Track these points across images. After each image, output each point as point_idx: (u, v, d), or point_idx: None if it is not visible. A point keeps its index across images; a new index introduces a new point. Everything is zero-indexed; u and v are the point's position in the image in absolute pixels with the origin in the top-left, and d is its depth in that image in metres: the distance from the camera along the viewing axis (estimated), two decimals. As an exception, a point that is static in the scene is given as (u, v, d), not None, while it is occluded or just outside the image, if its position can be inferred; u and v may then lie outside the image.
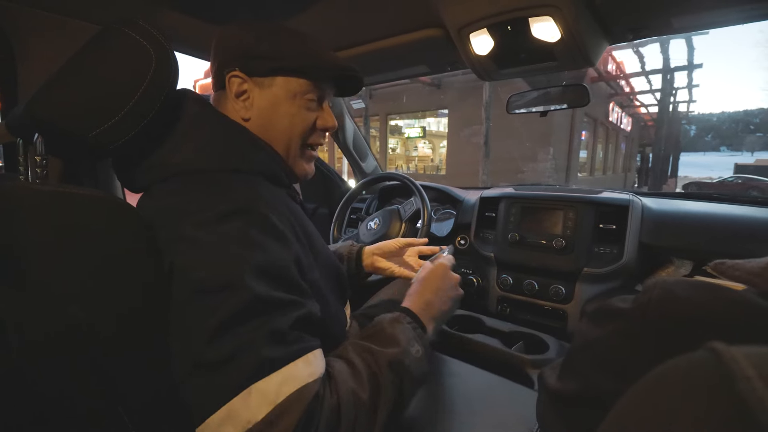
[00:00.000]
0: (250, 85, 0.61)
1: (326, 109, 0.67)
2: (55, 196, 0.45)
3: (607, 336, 0.35)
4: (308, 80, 0.62)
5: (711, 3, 0.75)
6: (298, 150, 0.65)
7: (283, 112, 0.62)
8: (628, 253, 1.05)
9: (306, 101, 0.63)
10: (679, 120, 15.76)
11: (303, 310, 0.50)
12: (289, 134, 0.63)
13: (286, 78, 0.61)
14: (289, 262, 0.52)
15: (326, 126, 0.66)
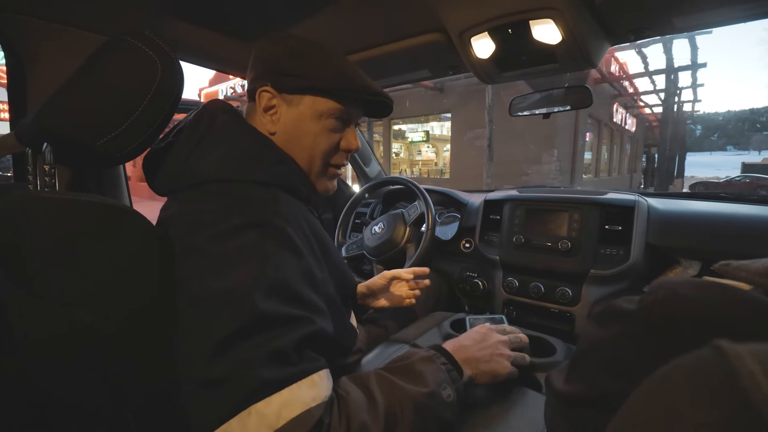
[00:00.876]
0: (278, 101, 0.62)
1: (351, 131, 0.67)
2: (63, 204, 0.46)
3: (613, 337, 0.35)
4: (336, 102, 0.62)
5: (712, 2, 0.75)
6: (320, 168, 0.66)
7: (308, 131, 0.63)
8: (635, 255, 1.04)
9: (331, 122, 0.63)
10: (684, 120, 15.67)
11: (312, 328, 0.48)
12: (311, 152, 0.64)
13: (314, 98, 0.62)
14: (301, 277, 0.51)
15: (349, 148, 0.66)
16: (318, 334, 0.49)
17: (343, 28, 0.96)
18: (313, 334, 0.48)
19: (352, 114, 0.66)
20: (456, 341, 0.66)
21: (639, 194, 1.18)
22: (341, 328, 0.63)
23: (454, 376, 0.58)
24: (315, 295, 0.53)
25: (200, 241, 0.49)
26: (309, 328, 0.48)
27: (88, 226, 0.47)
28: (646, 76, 12.95)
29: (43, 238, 0.45)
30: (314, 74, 0.61)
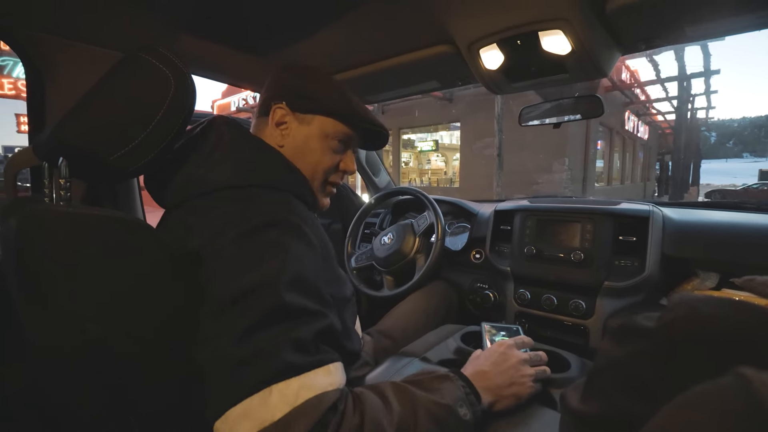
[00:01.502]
0: (290, 118, 0.69)
1: (350, 155, 0.75)
2: (77, 218, 0.46)
3: (631, 356, 0.34)
4: (342, 125, 0.70)
5: (725, 11, 0.74)
6: (320, 184, 0.72)
7: (313, 148, 0.69)
8: (651, 266, 1.02)
9: (335, 144, 0.70)
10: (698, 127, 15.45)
11: (326, 322, 0.51)
12: (314, 168, 0.70)
13: (324, 119, 0.69)
14: (316, 273, 0.54)
15: (347, 169, 0.75)
16: (330, 329, 0.52)
17: (354, 41, 0.97)
18: (326, 329, 0.51)
19: (352, 139, 0.73)
20: (475, 366, 0.66)
21: (653, 204, 1.16)
22: (346, 332, 0.66)
23: (472, 400, 0.57)
24: (326, 293, 0.55)
25: (224, 243, 0.51)
26: (323, 322, 0.51)
27: (101, 239, 0.47)
28: (658, 83, 12.83)
29: (56, 250, 0.46)
30: (326, 99, 0.68)
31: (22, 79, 10.09)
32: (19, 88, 10.04)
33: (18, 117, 10.84)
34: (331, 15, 0.86)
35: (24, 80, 6.87)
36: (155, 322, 0.49)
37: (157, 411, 0.51)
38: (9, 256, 0.53)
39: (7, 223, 0.55)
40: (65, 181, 0.56)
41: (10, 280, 0.54)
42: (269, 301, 0.47)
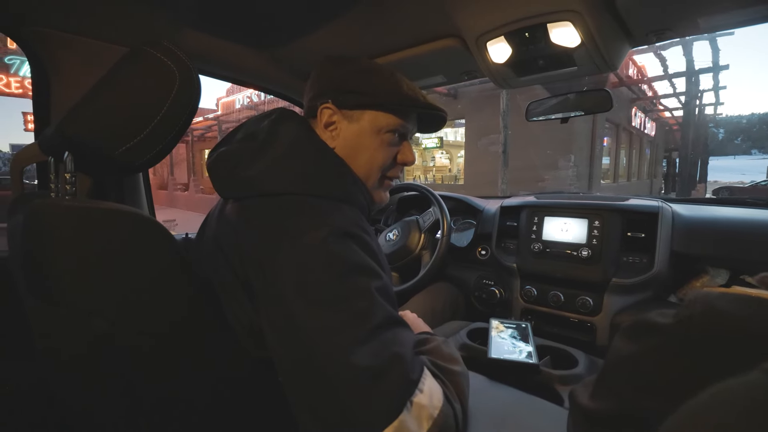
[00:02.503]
0: (338, 117, 0.64)
1: (407, 145, 0.69)
2: (84, 212, 0.46)
3: (646, 352, 0.33)
4: (394, 116, 0.64)
5: (738, 1, 0.72)
6: (376, 181, 0.67)
7: (367, 145, 0.64)
8: (659, 263, 1.01)
9: (389, 137, 0.65)
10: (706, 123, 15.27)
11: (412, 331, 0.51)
12: (369, 166, 0.65)
13: (374, 113, 0.64)
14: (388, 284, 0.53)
15: (406, 161, 0.69)
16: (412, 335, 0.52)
17: (359, 35, 0.96)
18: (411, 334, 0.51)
19: (408, 128, 0.67)
20: None
21: (662, 200, 1.14)
22: None
23: None
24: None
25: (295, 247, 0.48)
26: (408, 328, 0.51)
27: (106, 233, 0.47)
28: (666, 79, 12.68)
29: (63, 245, 0.45)
30: (375, 90, 0.63)
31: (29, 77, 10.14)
32: (26, 86, 10.11)
33: (25, 115, 10.94)
34: (337, 9, 0.85)
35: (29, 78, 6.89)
36: (166, 317, 0.49)
37: (167, 414, 0.50)
38: (16, 251, 0.53)
39: (13, 219, 0.55)
40: (71, 175, 0.56)
41: (17, 275, 0.54)
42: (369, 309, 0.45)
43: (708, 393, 0.20)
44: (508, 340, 0.87)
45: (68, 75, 0.83)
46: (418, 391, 0.44)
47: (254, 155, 0.57)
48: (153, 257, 0.49)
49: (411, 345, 0.48)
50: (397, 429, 0.40)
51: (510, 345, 0.85)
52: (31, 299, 0.50)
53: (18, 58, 9.97)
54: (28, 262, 0.47)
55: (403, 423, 0.40)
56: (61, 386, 0.51)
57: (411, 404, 0.42)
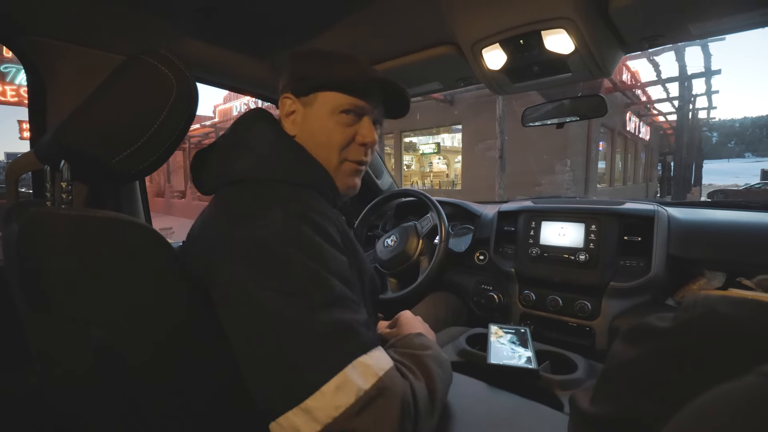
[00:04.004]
0: (297, 106, 0.66)
1: (364, 124, 0.67)
2: (80, 220, 0.46)
3: (646, 356, 0.33)
4: (346, 95, 0.64)
5: (729, 8, 0.73)
6: (336, 163, 0.66)
7: (322, 127, 0.65)
8: (656, 266, 1.01)
9: (344, 117, 0.64)
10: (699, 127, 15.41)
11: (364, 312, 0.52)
12: (327, 148, 0.65)
13: (325, 94, 0.64)
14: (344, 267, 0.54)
15: (364, 141, 0.66)
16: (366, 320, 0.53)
17: (355, 42, 0.97)
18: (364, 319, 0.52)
19: (365, 107, 0.66)
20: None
21: (658, 204, 1.15)
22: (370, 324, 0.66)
23: None
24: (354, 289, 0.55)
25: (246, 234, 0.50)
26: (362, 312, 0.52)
27: (103, 241, 0.47)
28: (659, 84, 12.81)
29: (59, 254, 0.45)
30: (323, 72, 0.64)
31: (25, 86, 10.14)
32: (21, 95, 10.09)
33: (20, 123, 10.89)
34: (334, 17, 0.85)
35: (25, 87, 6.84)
36: (164, 325, 0.48)
37: (166, 419, 0.50)
38: (11, 260, 0.52)
39: (9, 228, 0.55)
40: (67, 184, 0.56)
41: (13, 285, 0.54)
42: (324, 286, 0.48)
43: (706, 397, 0.20)
44: (507, 345, 0.87)
45: (64, 84, 0.83)
46: (367, 356, 0.46)
47: (224, 150, 0.62)
48: (150, 266, 0.49)
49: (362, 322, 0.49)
50: (341, 382, 0.42)
51: (509, 350, 0.85)
52: (27, 309, 0.50)
53: (14, 66, 9.96)
54: (24, 272, 0.47)
55: (347, 376, 0.43)
56: (58, 395, 0.50)
57: (356, 363, 0.44)
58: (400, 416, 0.44)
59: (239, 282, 0.48)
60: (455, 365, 0.87)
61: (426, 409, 0.50)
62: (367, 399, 0.43)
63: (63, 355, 0.47)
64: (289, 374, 0.43)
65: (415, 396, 0.49)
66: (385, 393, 0.44)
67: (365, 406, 0.42)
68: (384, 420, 0.43)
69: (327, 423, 0.41)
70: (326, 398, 0.42)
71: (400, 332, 0.71)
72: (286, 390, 0.43)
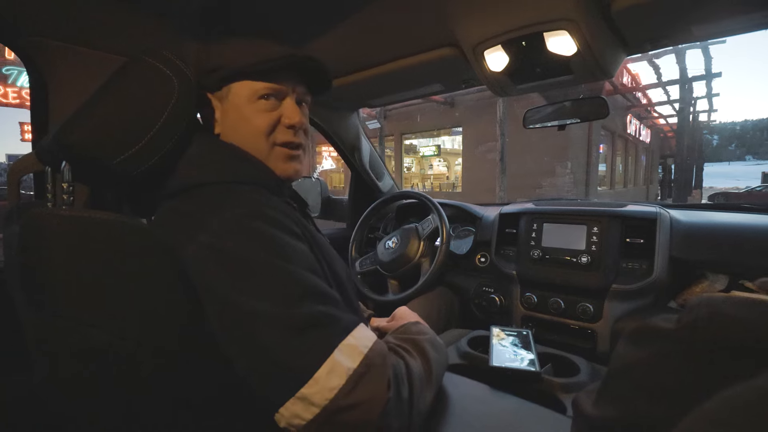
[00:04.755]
0: (214, 102, 0.64)
1: (287, 105, 0.64)
2: (81, 221, 0.46)
3: (650, 358, 0.32)
4: (256, 81, 0.61)
5: (731, 10, 0.73)
6: (267, 151, 0.64)
7: (243, 118, 0.62)
8: (659, 268, 1.01)
9: (262, 103, 0.62)
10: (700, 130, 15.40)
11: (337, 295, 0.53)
12: (254, 138, 0.63)
13: (237, 84, 0.62)
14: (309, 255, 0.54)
15: (290, 122, 0.64)
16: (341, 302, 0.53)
17: (358, 44, 0.97)
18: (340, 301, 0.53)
19: (282, 89, 0.63)
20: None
21: (660, 206, 1.15)
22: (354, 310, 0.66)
23: None
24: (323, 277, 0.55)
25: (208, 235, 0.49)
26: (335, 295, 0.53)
27: (104, 243, 0.47)
28: (660, 86, 12.82)
29: (60, 255, 0.45)
30: (226, 62, 0.61)
31: (27, 88, 10.15)
32: (23, 96, 10.11)
33: (22, 126, 10.91)
34: (336, 19, 0.85)
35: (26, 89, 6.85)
36: (165, 326, 0.48)
37: (166, 420, 0.49)
38: (12, 262, 0.52)
39: (10, 229, 0.54)
40: (68, 185, 0.55)
41: (13, 286, 0.54)
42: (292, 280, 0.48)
43: (717, 400, 0.20)
44: (509, 347, 0.86)
45: (66, 85, 0.84)
46: (350, 337, 0.48)
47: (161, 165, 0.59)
48: (151, 267, 0.49)
49: (338, 305, 0.51)
50: (331, 366, 0.45)
51: (511, 353, 0.84)
52: (27, 310, 0.49)
53: (16, 68, 9.99)
54: (25, 273, 0.47)
55: (335, 360, 0.45)
56: (56, 397, 0.50)
57: (342, 346, 0.46)
58: (393, 385, 0.48)
59: (211, 287, 0.48)
60: (457, 367, 0.86)
61: (421, 382, 0.53)
62: (357, 376, 0.45)
63: (63, 357, 0.46)
64: (280, 369, 0.45)
65: (409, 369, 0.52)
66: (372, 367, 0.47)
67: (357, 382, 0.45)
68: (377, 390, 0.46)
69: (324, 404, 0.44)
70: (320, 384, 0.44)
71: (398, 324, 0.72)
72: (281, 383, 0.45)
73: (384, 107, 10.50)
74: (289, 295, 0.47)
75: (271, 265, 0.48)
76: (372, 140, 1.79)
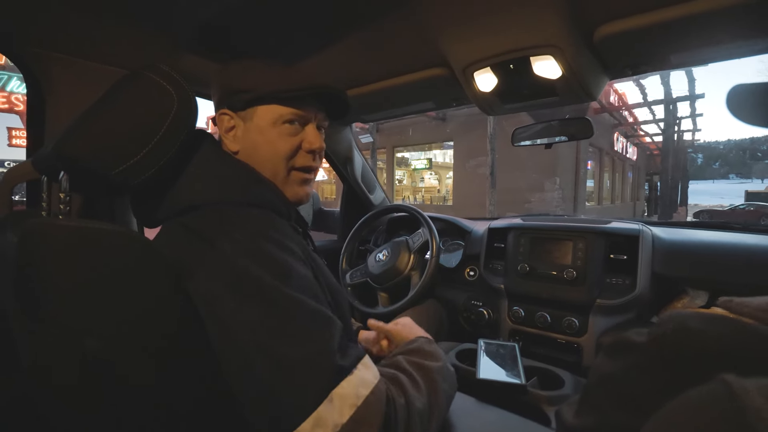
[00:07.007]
0: (236, 121, 0.65)
1: (309, 131, 0.67)
2: (78, 231, 0.47)
3: (623, 370, 0.34)
4: (285, 106, 0.64)
5: (707, 40, 0.78)
6: (285, 174, 0.66)
7: (266, 140, 0.64)
8: (641, 284, 1.03)
9: (287, 127, 0.65)
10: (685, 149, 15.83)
11: (340, 324, 0.52)
12: (273, 160, 0.65)
13: (264, 107, 0.64)
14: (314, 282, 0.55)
15: (312, 147, 0.66)
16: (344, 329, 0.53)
17: (352, 63, 1.00)
18: (343, 328, 0.52)
19: (306, 115, 0.66)
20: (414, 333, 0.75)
21: (643, 223, 1.18)
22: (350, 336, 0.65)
23: None
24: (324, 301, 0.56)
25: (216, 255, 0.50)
26: (339, 323, 0.52)
27: (100, 252, 0.47)
28: (645, 106, 13.17)
29: (57, 264, 0.46)
30: (258, 85, 0.63)
31: (16, 93, 10.07)
32: (12, 102, 10.01)
33: (10, 131, 10.75)
34: (331, 38, 0.88)
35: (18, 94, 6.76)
36: (158, 336, 0.49)
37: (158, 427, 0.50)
38: (5, 270, 0.52)
39: (2, 237, 0.55)
40: (65, 195, 0.56)
41: (5, 294, 0.54)
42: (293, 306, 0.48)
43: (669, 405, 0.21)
44: (496, 360, 0.88)
45: (64, 96, 0.84)
46: (345, 382, 0.46)
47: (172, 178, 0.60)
48: (146, 277, 0.49)
49: (337, 337, 0.49)
50: (317, 420, 0.43)
51: (498, 366, 0.86)
52: (19, 319, 0.50)
53: (6, 73, 9.90)
54: (20, 280, 0.47)
55: (321, 414, 0.43)
56: (47, 405, 0.50)
57: (332, 396, 0.45)
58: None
59: (216, 306, 0.49)
60: None
61: (422, 420, 0.52)
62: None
63: (56, 365, 0.47)
64: (270, 408, 0.45)
65: (410, 410, 0.50)
66: (363, 423, 0.45)
67: None
68: None
69: None
70: None
71: (407, 334, 0.72)
72: (271, 423, 0.45)
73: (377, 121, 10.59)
74: (290, 326, 0.47)
75: (278, 292, 0.48)
76: (364, 153, 1.82)
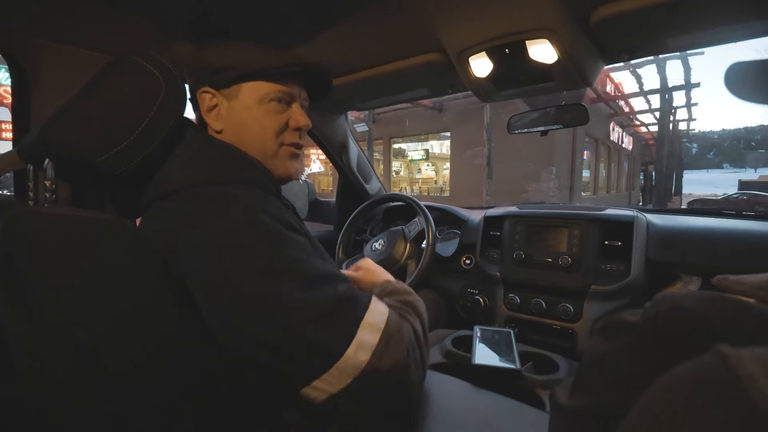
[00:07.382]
0: (219, 99, 0.64)
1: (295, 109, 0.67)
2: (65, 220, 0.46)
3: (618, 350, 0.34)
4: (272, 84, 0.64)
5: (704, 23, 0.77)
6: (274, 150, 0.66)
7: (254, 118, 0.64)
8: (635, 270, 1.04)
9: (273, 105, 0.64)
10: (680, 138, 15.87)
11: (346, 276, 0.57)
12: (262, 136, 0.65)
13: (249, 84, 0.63)
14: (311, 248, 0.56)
15: (299, 125, 0.67)
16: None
17: (347, 49, 0.99)
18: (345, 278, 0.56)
19: (291, 93, 0.66)
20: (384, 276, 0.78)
21: (638, 210, 1.19)
22: None
23: None
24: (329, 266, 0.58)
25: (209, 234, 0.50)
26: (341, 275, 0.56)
27: (88, 241, 0.47)
28: (641, 95, 13.17)
29: (43, 253, 0.45)
30: (244, 62, 0.63)
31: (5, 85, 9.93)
32: (2, 94, 9.86)
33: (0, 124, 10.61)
34: (324, 23, 0.87)
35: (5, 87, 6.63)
36: (149, 326, 0.48)
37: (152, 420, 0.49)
38: None
39: None
40: (51, 183, 0.55)
41: None
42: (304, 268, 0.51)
43: (664, 377, 0.21)
44: (491, 346, 0.88)
45: (50, 83, 0.83)
46: (368, 314, 0.52)
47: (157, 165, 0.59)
48: (135, 266, 0.49)
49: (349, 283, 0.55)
50: (358, 344, 0.49)
51: (494, 352, 0.86)
52: (7, 310, 0.49)
53: (-6, 65, 9.73)
54: (6, 271, 0.46)
55: (361, 339, 0.49)
56: (39, 400, 0.49)
57: (363, 324, 0.51)
58: (410, 350, 0.53)
59: (224, 284, 0.48)
60: (441, 366, 0.88)
61: (424, 340, 0.59)
62: (380, 350, 0.50)
63: (46, 357, 0.46)
64: (312, 352, 0.48)
65: (416, 332, 0.58)
66: (391, 339, 0.52)
67: (381, 354, 0.50)
68: (398, 357, 0.51)
69: (356, 375, 0.48)
70: (350, 359, 0.48)
71: (373, 278, 0.75)
72: (314, 363, 0.48)
73: (373, 111, 10.54)
74: (310, 281, 0.50)
75: (286, 256, 0.51)
76: (360, 143, 1.81)
